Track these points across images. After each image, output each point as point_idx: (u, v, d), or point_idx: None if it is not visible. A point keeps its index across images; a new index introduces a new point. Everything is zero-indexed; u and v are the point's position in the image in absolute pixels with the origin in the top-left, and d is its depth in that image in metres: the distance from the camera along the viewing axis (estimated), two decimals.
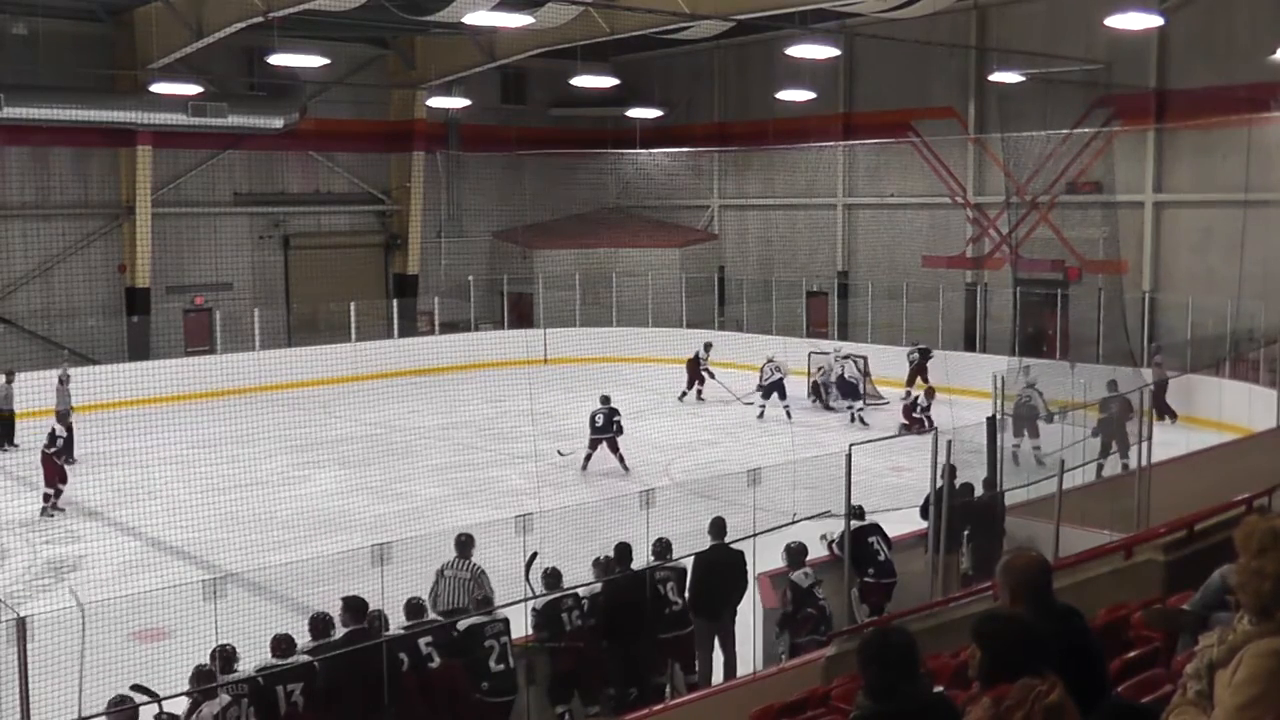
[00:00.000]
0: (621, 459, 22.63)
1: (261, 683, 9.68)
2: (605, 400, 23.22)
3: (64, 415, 21.92)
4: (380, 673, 10.02)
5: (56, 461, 20.57)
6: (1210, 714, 3.79)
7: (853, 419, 27.21)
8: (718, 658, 12.43)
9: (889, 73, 34.49)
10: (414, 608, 10.91)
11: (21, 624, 8.94)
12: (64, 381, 24.56)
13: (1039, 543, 12.66)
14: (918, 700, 4.39)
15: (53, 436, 20.70)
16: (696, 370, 30.33)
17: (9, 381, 24.31)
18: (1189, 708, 3.92)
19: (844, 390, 28.24)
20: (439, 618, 11.05)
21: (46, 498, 20.18)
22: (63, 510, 20.13)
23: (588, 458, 22.81)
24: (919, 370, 29.25)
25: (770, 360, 27.91)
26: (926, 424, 23.85)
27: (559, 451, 22.96)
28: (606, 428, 22.70)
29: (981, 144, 33.20)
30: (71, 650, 13.27)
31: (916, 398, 26.18)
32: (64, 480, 20.50)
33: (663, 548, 12.07)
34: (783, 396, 27.57)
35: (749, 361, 29.34)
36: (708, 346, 30.68)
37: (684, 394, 30.11)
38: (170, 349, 33.22)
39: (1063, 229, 31.25)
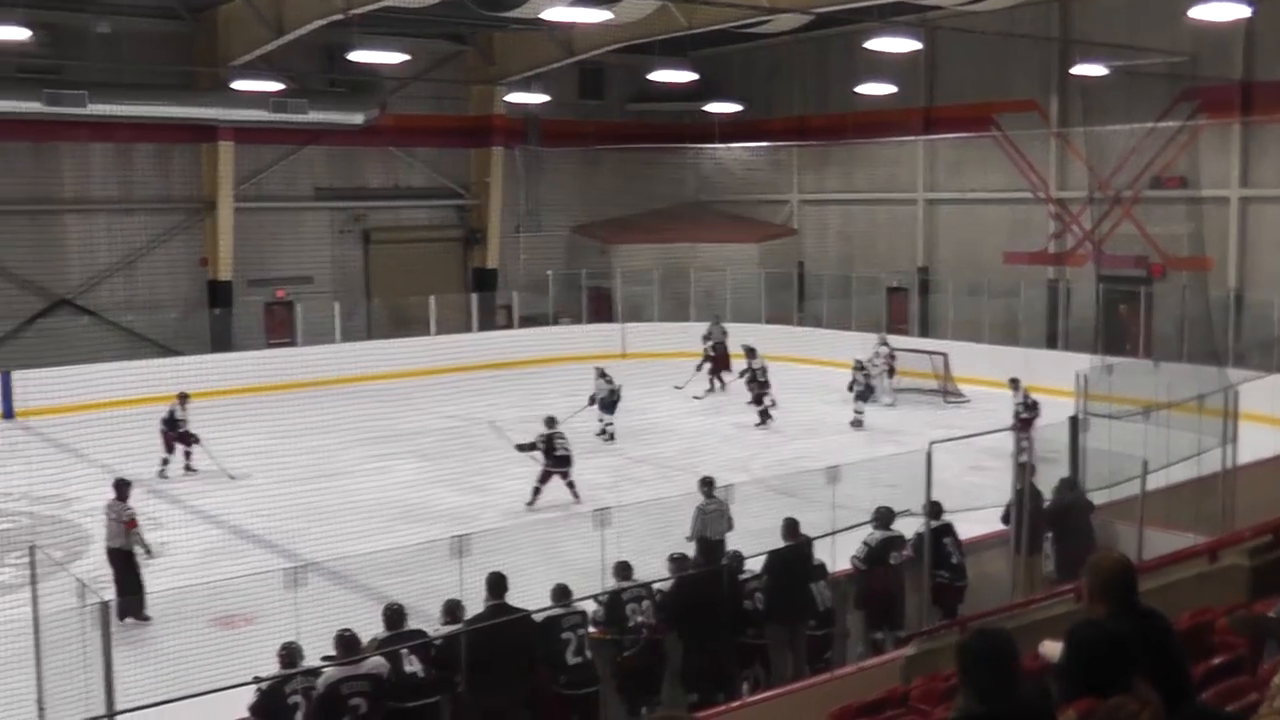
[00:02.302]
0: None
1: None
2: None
3: (184, 399, 23.21)
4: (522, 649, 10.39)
5: (175, 434, 22.75)
6: None
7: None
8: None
9: (970, 65, 34.13)
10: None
11: (105, 608, 9.08)
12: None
13: (1122, 545, 12.50)
14: (1022, 702, 4.34)
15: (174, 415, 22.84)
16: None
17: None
18: (1277, 718, 3.85)
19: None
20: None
21: (164, 461, 22.62)
22: (166, 477, 22.43)
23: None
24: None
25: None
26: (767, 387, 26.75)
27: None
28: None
29: (1064, 138, 32.81)
30: (153, 635, 13.49)
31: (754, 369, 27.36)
32: (183, 444, 22.82)
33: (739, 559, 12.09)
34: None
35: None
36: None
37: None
38: (251, 341, 33.63)
39: (1146, 225, 30.81)
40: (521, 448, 20.14)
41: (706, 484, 14.96)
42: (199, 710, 9.30)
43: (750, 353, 27.67)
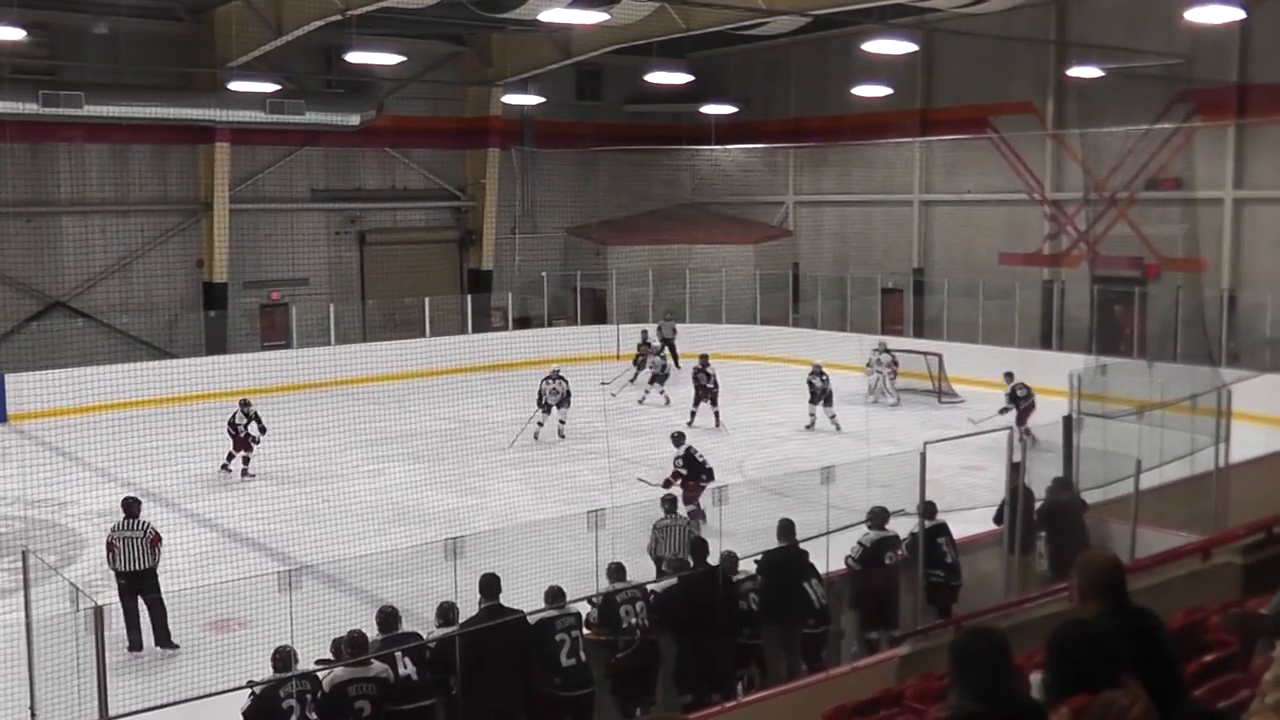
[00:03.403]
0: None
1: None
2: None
3: (245, 404, 23.07)
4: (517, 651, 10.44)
5: (239, 436, 22.61)
6: None
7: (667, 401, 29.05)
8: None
9: (967, 68, 34.14)
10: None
11: (99, 612, 9.06)
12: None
13: (1115, 544, 12.50)
14: (1017, 702, 4.34)
15: (235, 419, 22.65)
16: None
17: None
18: (1269, 714, 3.85)
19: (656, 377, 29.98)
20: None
21: (242, 458, 22.64)
22: (250, 475, 22.53)
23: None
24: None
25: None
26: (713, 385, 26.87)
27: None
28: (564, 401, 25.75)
29: (1060, 140, 32.84)
30: (147, 640, 13.41)
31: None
32: (243, 450, 22.64)
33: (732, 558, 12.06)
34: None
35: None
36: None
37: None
38: (246, 343, 33.62)
39: (1141, 226, 30.83)
40: (671, 480, 18.55)
41: (668, 502, 14.95)
42: (193, 715, 9.31)
43: (703, 360, 27.52)
